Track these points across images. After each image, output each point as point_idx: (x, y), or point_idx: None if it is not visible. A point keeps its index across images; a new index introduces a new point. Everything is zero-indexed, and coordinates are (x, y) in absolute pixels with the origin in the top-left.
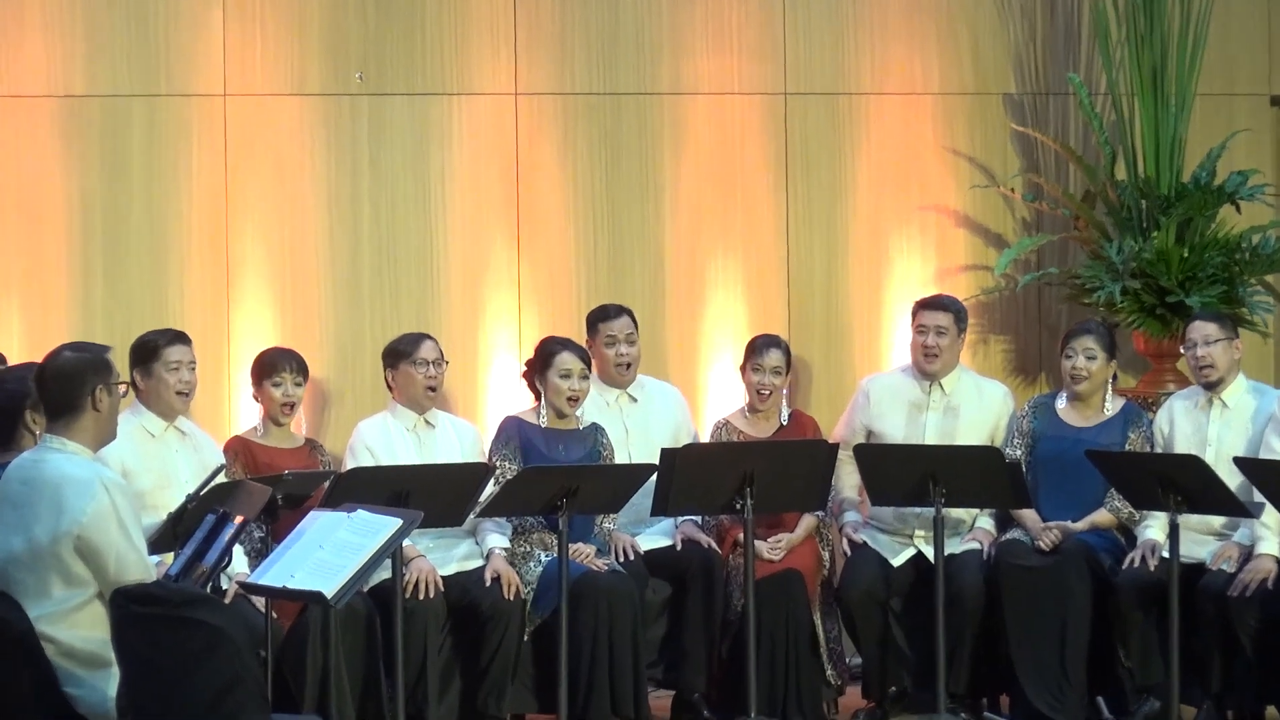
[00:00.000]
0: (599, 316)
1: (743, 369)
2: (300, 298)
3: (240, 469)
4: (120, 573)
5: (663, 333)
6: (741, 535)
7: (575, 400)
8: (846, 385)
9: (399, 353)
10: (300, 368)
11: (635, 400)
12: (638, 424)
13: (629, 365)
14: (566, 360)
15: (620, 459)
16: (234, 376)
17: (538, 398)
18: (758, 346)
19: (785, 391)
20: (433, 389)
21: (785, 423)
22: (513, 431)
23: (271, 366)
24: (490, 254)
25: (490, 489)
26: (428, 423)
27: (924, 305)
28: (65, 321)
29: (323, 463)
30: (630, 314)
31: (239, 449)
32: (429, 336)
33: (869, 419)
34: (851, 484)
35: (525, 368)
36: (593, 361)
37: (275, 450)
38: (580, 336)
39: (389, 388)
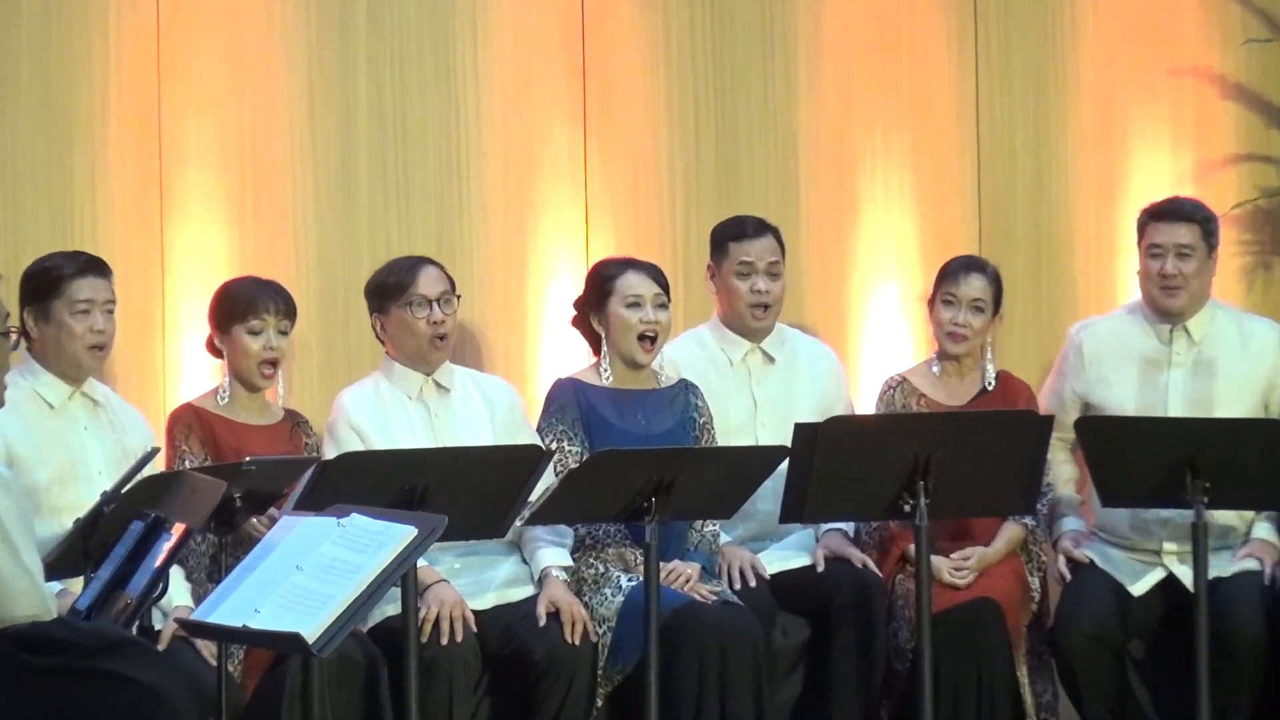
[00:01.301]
0: (731, 233)
1: (930, 304)
2: (266, 210)
3: (196, 451)
4: (3, 607)
5: (796, 256)
6: (913, 549)
7: (651, 340)
8: (1065, 332)
9: (385, 289)
10: (287, 307)
11: (772, 360)
12: (773, 396)
13: (768, 306)
14: (633, 282)
15: (747, 443)
16: (170, 323)
17: (597, 349)
18: (952, 270)
19: (990, 341)
20: (441, 337)
21: (991, 386)
22: (568, 397)
23: (248, 305)
24: (544, 142)
25: (545, 482)
26: (439, 385)
27: (1156, 215)
28: None
29: (308, 446)
30: (776, 235)
31: (192, 423)
32: (429, 261)
33: (1085, 384)
34: (1068, 477)
35: (575, 311)
36: (714, 300)
37: (244, 428)
38: (674, 260)
39: (380, 341)
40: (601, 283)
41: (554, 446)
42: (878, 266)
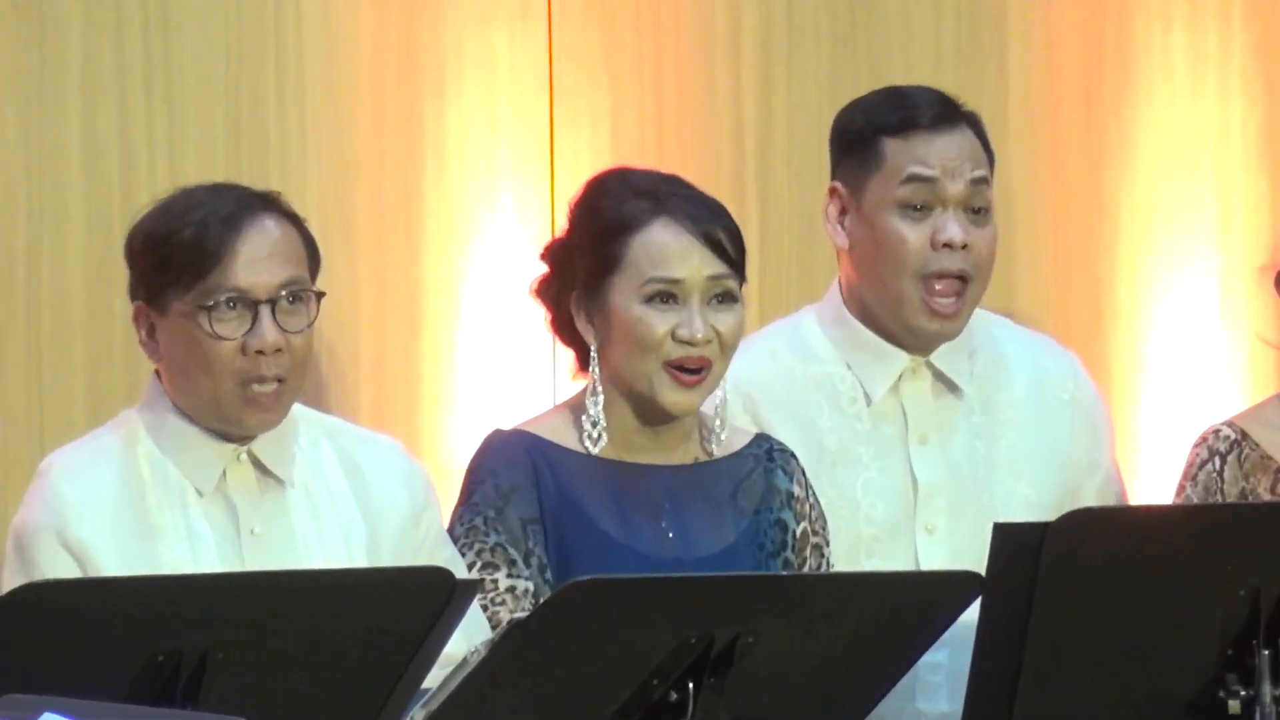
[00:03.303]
0: (889, 119)
1: None
2: None
3: None
4: None
5: (1000, 196)
6: None
7: (696, 373)
8: None
9: (162, 258)
10: None
11: (955, 389)
12: (956, 463)
13: (965, 281)
14: (664, 245)
15: (896, 563)
16: None
17: (583, 364)
18: None
19: None
20: (269, 380)
21: None
22: (518, 470)
23: None
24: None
25: (465, 644)
26: (261, 467)
27: None
28: None
29: None
30: (976, 127)
31: None
32: (265, 205)
33: None
34: None
35: (546, 264)
36: (837, 261)
37: None
38: (739, 191)
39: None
40: (604, 233)
41: (473, 561)
42: (1169, 217)
